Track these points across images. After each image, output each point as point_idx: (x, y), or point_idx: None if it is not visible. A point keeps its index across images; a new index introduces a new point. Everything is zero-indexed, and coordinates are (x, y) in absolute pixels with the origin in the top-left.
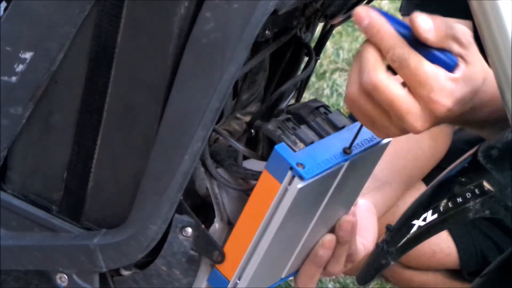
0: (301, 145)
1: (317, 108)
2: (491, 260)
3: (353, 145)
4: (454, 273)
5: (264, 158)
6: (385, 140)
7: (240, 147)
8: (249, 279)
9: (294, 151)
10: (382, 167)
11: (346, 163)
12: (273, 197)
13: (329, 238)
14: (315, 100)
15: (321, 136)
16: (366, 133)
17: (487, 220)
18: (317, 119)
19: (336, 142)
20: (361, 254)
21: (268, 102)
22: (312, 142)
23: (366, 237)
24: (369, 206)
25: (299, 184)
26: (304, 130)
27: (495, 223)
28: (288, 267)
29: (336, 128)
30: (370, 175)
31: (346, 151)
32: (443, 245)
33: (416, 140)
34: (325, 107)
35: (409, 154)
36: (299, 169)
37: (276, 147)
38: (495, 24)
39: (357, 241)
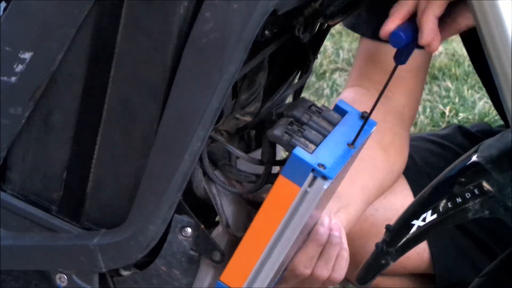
0: (312, 146)
1: (309, 107)
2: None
3: (352, 142)
4: (422, 278)
5: (263, 163)
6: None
7: (239, 153)
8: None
9: (309, 153)
10: (346, 186)
11: (350, 158)
12: (291, 202)
13: (328, 219)
14: (304, 100)
15: (323, 135)
16: (359, 124)
17: (465, 236)
18: (313, 119)
19: (338, 138)
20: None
21: (272, 107)
22: (320, 142)
23: None
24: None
25: (325, 185)
26: (310, 131)
27: (474, 240)
28: (277, 277)
29: (333, 124)
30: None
31: (350, 146)
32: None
33: (371, 156)
34: (315, 105)
35: (366, 172)
36: (321, 169)
37: (295, 151)
38: (495, 24)
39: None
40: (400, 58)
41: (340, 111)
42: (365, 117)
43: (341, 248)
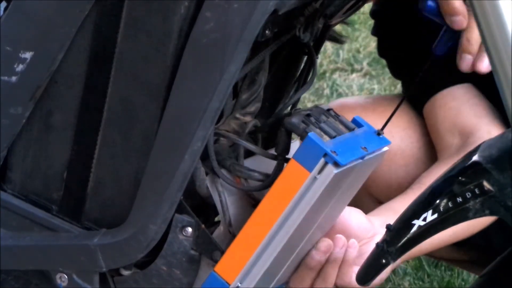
0: (326, 137)
1: (328, 110)
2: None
3: (366, 146)
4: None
5: (276, 156)
6: (385, 148)
7: (253, 147)
8: (254, 282)
9: (324, 141)
10: None
11: (361, 161)
12: (299, 187)
13: (326, 243)
14: (322, 105)
15: (338, 133)
16: (374, 138)
17: None
18: (330, 120)
19: (353, 140)
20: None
21: (282, 111)
22: (335, 136)
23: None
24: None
25: (335, 170)
26: (326, 126)
27: None
28: (279, 276)
29: (348, 129)
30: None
31: (363, 148)
32: None
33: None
34: (333, 111)
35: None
36: (333, 155)
37: (310, 134)
38: (495, 24)
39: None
40: (436, 47)
41: (357, 123)
42: (379, 133)
43: (344, 261)
